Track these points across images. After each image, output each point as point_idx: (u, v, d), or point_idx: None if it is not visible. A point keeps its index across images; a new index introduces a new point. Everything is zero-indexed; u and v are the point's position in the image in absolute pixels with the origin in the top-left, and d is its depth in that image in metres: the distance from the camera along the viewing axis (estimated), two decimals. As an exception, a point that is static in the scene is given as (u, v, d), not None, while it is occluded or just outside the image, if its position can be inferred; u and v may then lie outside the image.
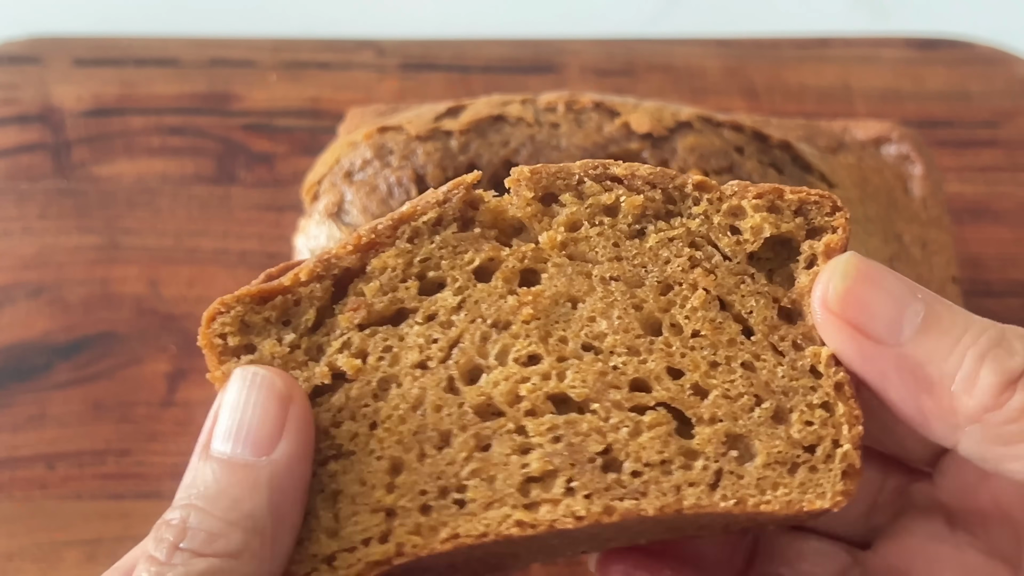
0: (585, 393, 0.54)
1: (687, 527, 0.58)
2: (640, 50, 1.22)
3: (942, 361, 0.50)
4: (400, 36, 1.22)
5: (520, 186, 0.57)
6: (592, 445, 0.53)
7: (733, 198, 0.56)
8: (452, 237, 0.57)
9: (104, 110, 1.15)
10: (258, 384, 0.52)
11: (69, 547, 0.91)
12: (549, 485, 0.53)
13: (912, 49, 1.23)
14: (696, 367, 0.55)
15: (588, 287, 0.56)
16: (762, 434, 0.54)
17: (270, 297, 0.58)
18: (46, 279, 1.04)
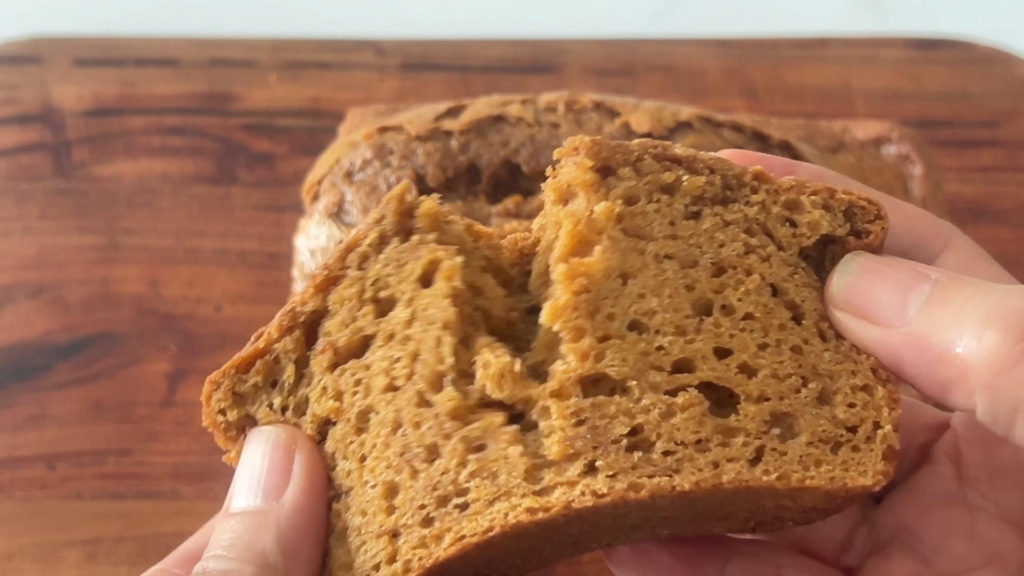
0: (624, 373, 0.53)
1: (712, 516, 0.58)
2: (640, 50, 1.22)
3: (947, 330, 0.50)
4: (400, 36, 1.22)
5: (578, 154, 0.55)
6: (618, 427, 0.52)
7: (791, 191, 0.57)
8: (395, 252, 0.56)
9: (104, 110, 1.15)
10: (264, 440, 0.56)
11: (69, 547, 0.91)
12: (563, 469, 0.51)
13: (912, 49, 1.23)
14: (745, 348, 0.54)
15: (641, 264, 0.55)
16: (807, 413, 0.54)
17: (251, 362, 0.59)
18: (46, 279, 1.04)
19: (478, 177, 0.88)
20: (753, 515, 0.58)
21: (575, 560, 0.90)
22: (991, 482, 0.60)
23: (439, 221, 0.57)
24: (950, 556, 0.58)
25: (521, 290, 0.59)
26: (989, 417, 0.50)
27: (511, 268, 0.59)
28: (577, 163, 0.55)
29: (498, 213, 0.86)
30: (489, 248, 0.59)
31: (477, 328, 0.55)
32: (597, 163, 0.55)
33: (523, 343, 0.57)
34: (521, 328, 0.58)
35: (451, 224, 0.58)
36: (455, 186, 0.88)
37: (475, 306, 0.56)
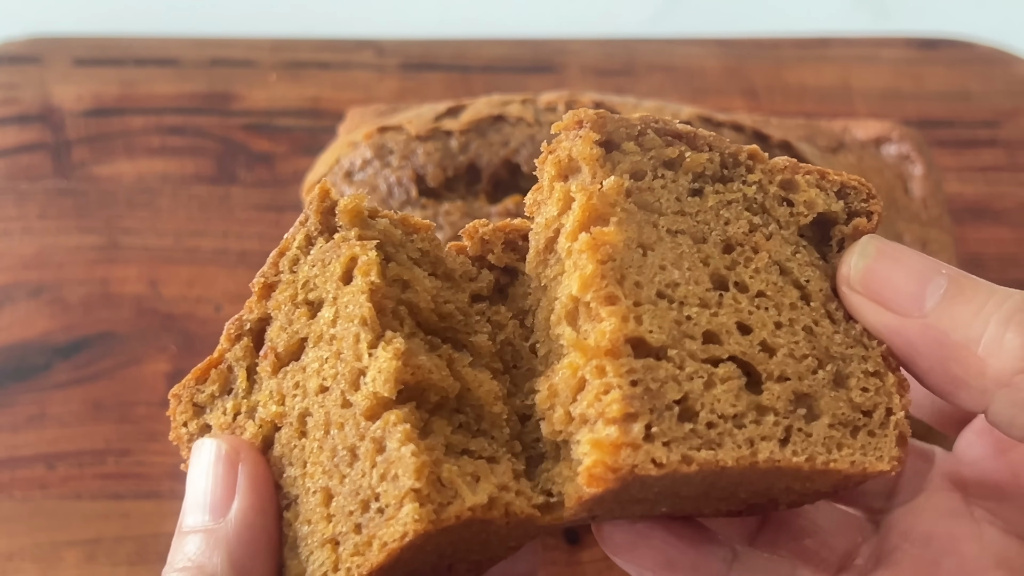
0: (662, 340, 0.52)
1: (717, 495, 0.57)
2: (640, 50, 1.22)
3: (966, 328, 0.50)
4: (400, 36, 1.22)
5: (582, 127, 0.55)
6: (670, 392, 0.51)
7: (785, 172, 0.57)
8: (320, 252, 0.56)
9: (104, 110, 1.15)
10: (206, 452, 0.55)
11: (69, 547, 0.91)
12: (628, 429, 0.49)
13: (912, 49, 1.23)
14: (764, 325, 0.54)
15: (657, 237, 0.54)
16: (826, 396, 0.54)
17: (207, 373, 0.59)
18: (46, 279, 1.04)
19: (478, 177, 0.88)
20: (754, 496, 0.58)
21: (576, 561, 0.90)
22: (996, 499, 0.61)
23: (361, 217, 0.56)
24: (959, 560, 0.58)
25: (464, 280, 0.58)
26: (1005, 416, 0.51)
27: (454, 259, 0.58)
28: (582, 136, 0.54)
29: (498, 213, 0.86)
30: (425, 241, 0.58)
31: (402, 323, 0.54)
32: (602, 136, 0.55)
33: (461, 334, 0.57)
34: (460, 320, 0.57)
35: (376, 219, 0.57)
36: (455, 186, 0.88)
37: (400, 300, 0.55)
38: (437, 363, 0.53)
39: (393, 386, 0.51)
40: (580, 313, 0.53)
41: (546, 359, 0.56)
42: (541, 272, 0.57)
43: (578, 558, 0.90)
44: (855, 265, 0.55)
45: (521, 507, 0.52)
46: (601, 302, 0.51)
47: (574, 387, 0.52)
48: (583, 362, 0.51)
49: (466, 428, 0.54)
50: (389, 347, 0.52)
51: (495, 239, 0.59)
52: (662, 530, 0.60)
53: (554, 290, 0.55)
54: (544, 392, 0.54)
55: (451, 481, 0.50)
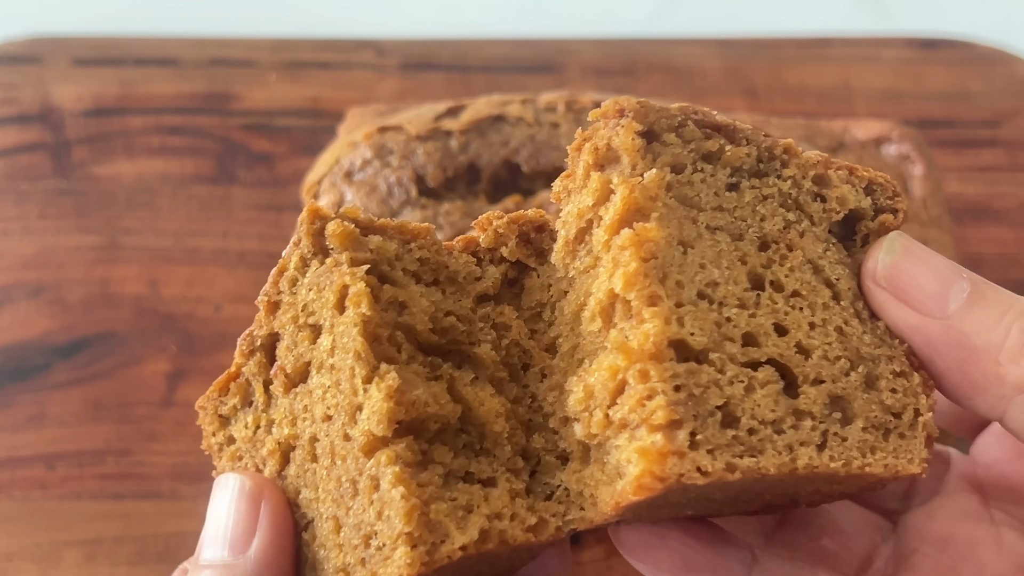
0: (704, 343, 0.50)
1: (744, 498, 0.56)
2: (640, 50, 1.22)
3: (988, 332, 0.51)
4: (400, 36, 1.22)
5: (624, 116, 0.53)
6: (713, 398, 0.50)
7: (818, 166, 0.56)
8: (315, 276, 0.54)
9: (104, 110, 1.15)
10: (230, 488, 0.55)
11: (69, 547, 0.91)
12: (673, 436, 0.48)
13: (912, 49, 1.23)
14: (799, 326, 0.53)
15: (696, 234, 0.52)
16: (859, 398, 0.53)
17: (227, 385, 0.58)
18: (46, 279, 1.04)
19: (478, 177, 0.88)
20: (778, 498, 0.57)
21: (576, 560, 0.90)
22: (1015, 502, 0.61)
23: (351, 239, 0.54)
24: (978, 564, 0.59)
25: (469, 281, 0.56)
26: (1022, 423, 0.51)
27: (458, 260, 0.57)
28: (624, 125, 0.52)
29: (498, 213, 0.86)
30: (424, 248, 0.56)
31: (400, 349, 0.53)
32: (644, 127, 0.53)
33: (464, 346, 0.55)
34: (463, 332, 0.55)
35: (370, 235, 0.55)
36: (455, 186, 0.88)
37: (396, 325, 0.53)
38: (436, 391, 0.52)
39: (387, 426, 0.50)
40: (617, 311, 0.51)
41: (571, 354, 0.54)
42: (569, 263, 0.55)
43: (578, 558, 0.90)
44: (882, 260, 0.54)
45: (514, 534, 0.51)
46: (644, 302, 0.50)
47: (613, 390, 0.50)
48: (625, 365, 0.49)
49: (470, 448, 0.53)
50: (382, 385, 0.50)
51: (509, 232, 0.57)
52: (679, 531, 0.60)
53: (585, 283, 0.54)
54: (579, 393, 0.52)
55: (439, 522, 0.49)
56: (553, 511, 0.52)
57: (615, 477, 0.50)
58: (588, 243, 0.54)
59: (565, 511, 0.53)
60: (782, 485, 0.53)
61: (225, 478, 0.56)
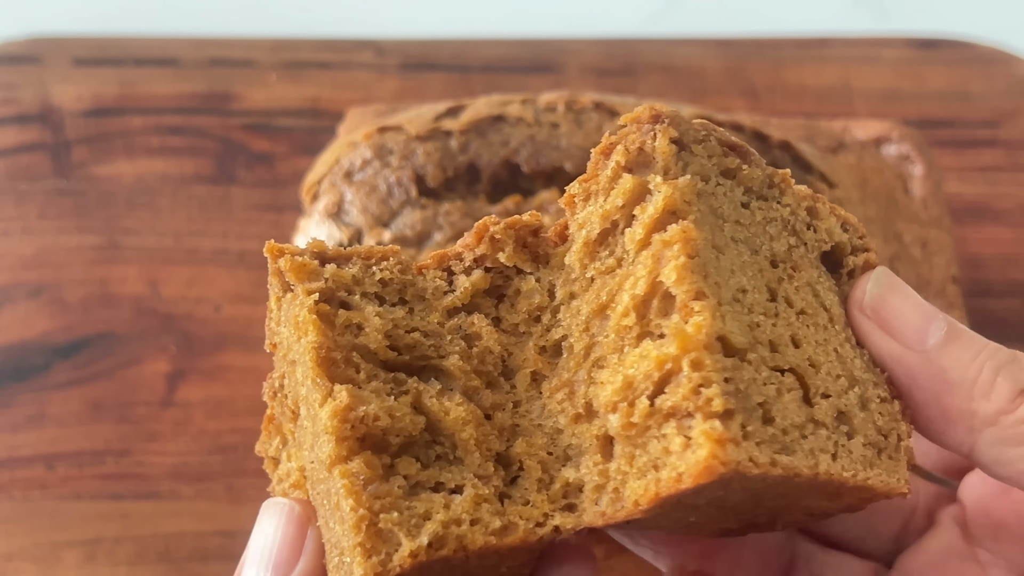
0: (742, 342, 0.51)
1: (765, 505, 0.56)
2: (640, 50, 1.22)
3: (963, 369, 0.55)
4: (400, 36, 1.22)
5: (661, 122, 0.54)
6: (755, 395, 0.51)
7: (808, 199, 0.58)
8: (285, 312, 0.56)
9: (104, 110, 1.15)
10: (278, 512, 0.56)
11: (69, 547, 0.91)
12: (729, 425, 0.48)
13: (912, 49, 1.23)
14: (809, 341, 0.55)
15: (724, 241, 0.54)
16: (858, 415, 0.55)
17: (268, 428, 0.62)
18: (46, 279, 1.04)
19: (478, 177, 0.87)
20: (770, 513, 0.58)
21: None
22: (997, 539, 0.63)
23: (305, 271, 0.55)
24: None
25: (438, 296, 0.57)
26: (990, 455, 0.55)
27: (425, 278, 0.57)
28: (661, 131, 0.53)
29: (498, 213, 0.85)
30: (387, 270, 0.57)
31: (358, 369, 0.54)
32: (678, 134, 0.54)
33: (433, 360, 0.55)
34: (429, 346, 0.55)
35: (328, 264, 0.56)
36: (455, 186, 0.88)
37: (353, 347, 0.54)
38: (392, 406, 0.53)
39: (336, 443, 0.51)
40: (653, 307, 0.52)
41: (585, 354, 0.55)
42: (588, 264, 0.56)
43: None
44: (870, 291, 0.58)
45: (474, 539, 0.51)
46: (691, 296, 0.50)
47: (659, 379, 0.50)
48: (678, 354, 0.49)
49: (444, 459, 0.54)
50: (329, 405, 0.51)
51: (506, 237, 0.58)
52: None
53: (608, 283, 0.54)
54: (616, 384, 0.52)
55: (390, 531, 0.50)
56: (525, 515, 0.53)
57: (649, 469, 0.50)
58: (612, 244, 0.55)
59: (544, 515, 0.53)
60: (784, 495, 0.54)
61: (274, 502, 0.57)
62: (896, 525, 0.66)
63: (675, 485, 0.49)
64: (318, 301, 0.54)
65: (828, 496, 0.55)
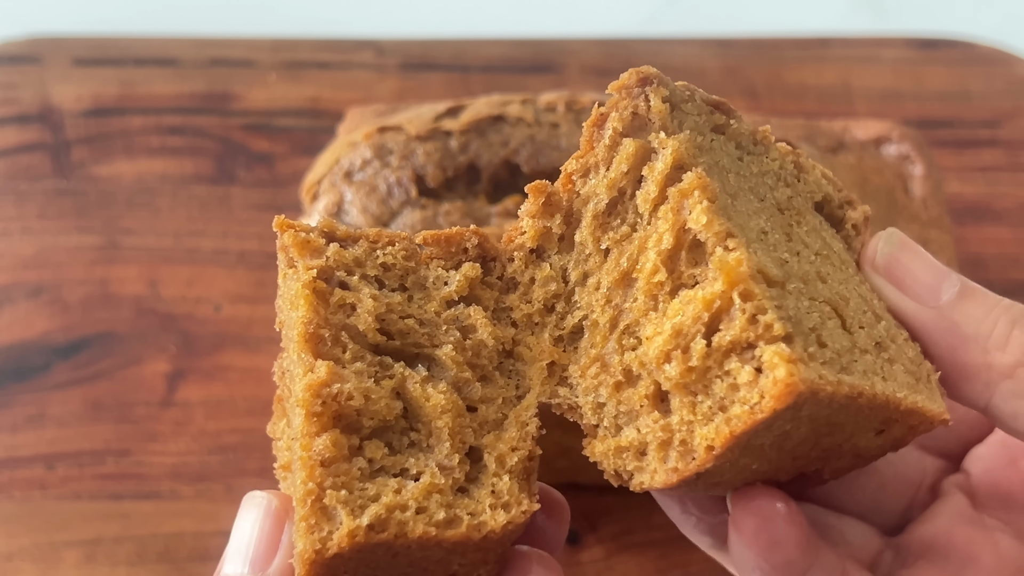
0: (777, 276, 0.51)
1: (822, 444, 0.56)
2: (640, 50, 1.22)
3: (977, 324, 0.56)
4: (400, 36, 1.22)
5: (652, 84, 0.54)
6: (807, 320, 0.51)
7: (791, 154, 0.59)
8: (285, 288, 0.57)
9: (104, 110, 1.15)
10: (256, 505, 0.56)
11: (68, 547, 0.91)
12: (794, 346, 0.48)
13: (912, 49, 1.23)
14: (833, 278, 0.55)
15: (733, 190, 0.54)
16: (891, 346, 0.55)
17: (275, 410, 0.62)
18: (46, 279, 1.04)
19: (478, 177, 0.87)
20: (823, 454, 0.57)
21: (576, 561, 0.90)
22: (1005, 509, 0.63)
23: (308, 247, 0.56)
24: (980, 568, 0.61)
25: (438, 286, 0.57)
26: (1007, 408, 0.54)
27: (428, 265, 0.57)
28: (653, 91, 0.54)
29: (498, 213, 0.85)
30: (390, 255, 0.57)
31: (345, 349, 0.54)
32: (668, 92, 0.55)
33: (426, 348, 0.55)
34: (423, 334, 0.56)
35: (333, 242, 0.56)
36: (455, 186, 0.87)
37: (343, 326, 0.54)
38: (369, 388, 0.53)
39: (306, 419, 0.51)
40: (682, 259, 0.52)
41: (611, 326, 0.55)
42: (601, 236, 0.56)
43: (578, 558, 0.90)
44: (881, 250, 0.59)
45: (415, 527, 0.51)
46: (723, 236, 0.50)
47: (710, 319, 0.50)
48: (725, 289, 0.49)
49: (416, 447, 0.53)
50: (307, 379, 0.52)
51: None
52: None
53: (628, 248, 0.54)
54: (665, 335, 0.51)
55: (333, 508, 0.50)
56: (471, 510, 0.52)
57: (716, 411, 0.50)
58: (623, 211, 0.55)
59: (493, 512, 0.53)
60: (840, 427, 0.54)
61: (252, 496, 0.56)
62: (903, 500, 0.66)
63: (750, 418, 0.48)
64: (316, 278, 0.54)
65: (879, 427, 0.55)
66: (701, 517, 0.61)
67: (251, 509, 0.56)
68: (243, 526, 0.55)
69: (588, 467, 0.72)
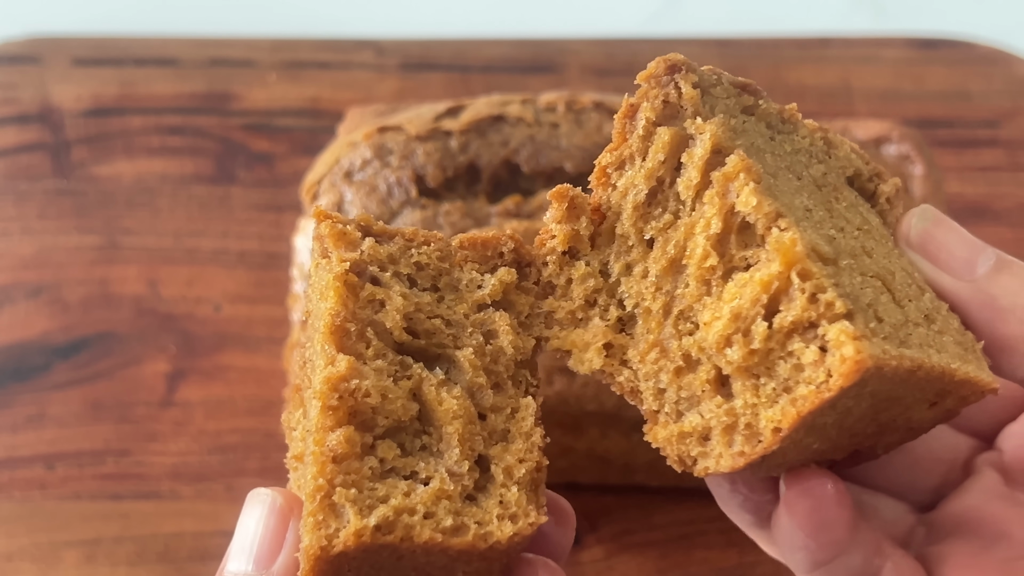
0: (828, 252, 0.51)
1: (879, 419, 0.56)
2: (640, 50, 1.21)
3: (1014, 296, 0.56)
4: (400, 36, 1.22)
5: (680, 71, 0.54)
6: (864, 295, 0.51)
7: (819, 130, 0.59)
8: (316, 278, 0.56)
9: (104, 110, 1.15)
10: (261, 503, 0.55)
11: (68, 547, 0.91)
12: (856, 323, 0.48)
13: (912, 49, 1.23)
14: (877, 252, 0.55)
15: (772, 170, 0.54)
16: (939, 317, 0.55)
17: (292, 399, 0.60)
18: (46, 279, 1.04)
19: (478, 177, 0.87)
20: (879, 429, 0.57)
21: (576, 561, 0.90)
22: None
23: (345, 239, 0.55)
24: (1011, 543, 0.60)
25: (470, 289, 0.57)
26: None
27: (462, 267, 0.57)
28: (683, 78, 0.54)
29: (498, 213, 0.85)
30: (424, 254, 0.56)
31: (369, 344, 0.53)
32: (697, 78, 0.55)
33: (448, 349, 0.55)
34: (447, 335, 0.55)
35: (370, 236, 0.56)
36: (455, 186, 0.87)
37: (370, 322, 0.54)
38: (386, 387, 0.52)
39: (321, 412, 0.51)
40: (732, 243, 0.52)
41: (663, 313, 0.55)
42: (643, 227, 0.56)
43: (578, 558, 0.90)
44: (915, 226, 0.59)
45: (421, 532, 0.50)
46: (773, 216, 0.51)
47: (769, 301, 0.50)
48: (783, 270, 0.49)
49: (427, 451, 0.53)
50: (326, 371, 0.51)
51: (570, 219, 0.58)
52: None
53: (673, 235, 0.54)
54: (724, 319, 0.51)
55: (341, 507, 0.49)
56: (479, 518, 0.52)
57: (780, 392, 0.50)
58: (663, 200, 0.55)
59: (500, 523, 0.52)
60: (897, 401, 0.54)
61: (256, 492, 0.56)
62: (936, 478, 0.66)
63: (817, 397, 0.48)
64: (348, 271, 0.54)
65: (932, 399, 0.55)
66: (749, 496, 0.61)
67: (256, 506, 0.55)
68: (247, 523, 0.55)
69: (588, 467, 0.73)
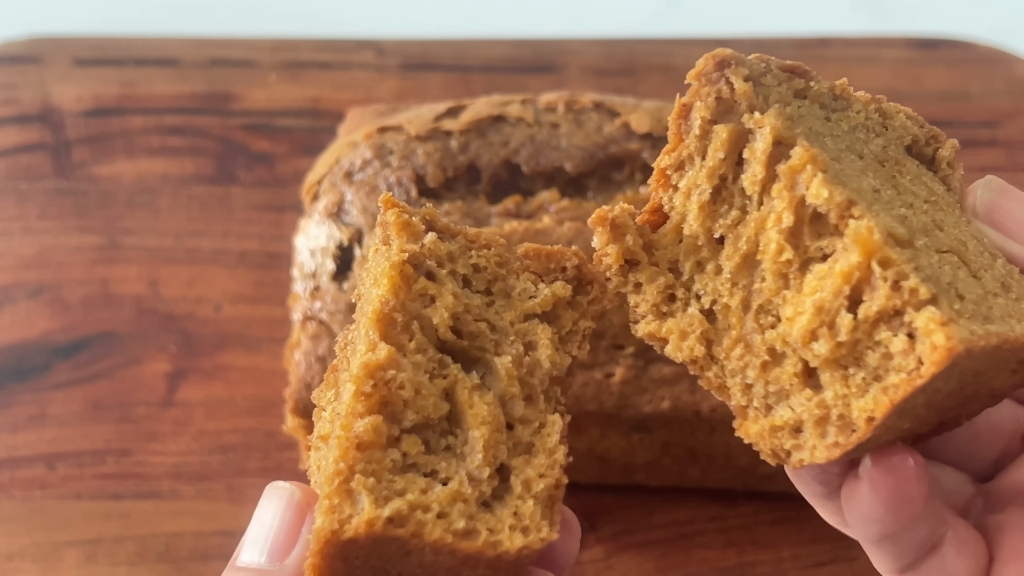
0: (903, 234, 0.51)
1: (964, 393, 0.55)
2: (640, 50, 1.22)
3: None
4: (400, 36, 1.22)
5: (731, 66, 0.54)
6: (944, 275, 0.51)
7: (872, 101, 0.59)
8: (373, 262, 0.57)
9: (104, 110, 1.15)
10: (277, 496, 0.55)
11: (69, 547, 0.91)
12: (942, 308, 0.48)
13: (912, 49, 1.23)
14: (948, 224, 0.55)
15: (835, 153, 0.54)
16: (1015, 282, 0.55)
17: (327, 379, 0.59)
18: (46, 279, 1.04)
19: (478, 177, 0.88)
20: (963, 402, 0.57)
21: (576, 561, 0.90)
22: None
23: (409, 230, 0.55)
24: None
25: (522, 299, 0.57)
26: None
27: (518, 277, 0.57)
28: (734, 73, 0.54)
29: (498, 213, 0.86)
30: (483, 257, 0.57)
31: (412, 337, 0.53)
32: (748, 70, 0.55)
33: (488, 354, 0.55)
34: (490, 340, 0.55)
35: (432, 231, 0.56)
36: (455, 186, 0.88)
37: (418, 315, 0.54)
38: (420, 381, 0.53)
39: (354, 397, 0.51)
40: (805, 235, 0.52)
41: (742, 309, 0.54)
42: (712, 225, 0.56)
43: (578, 558, 0.90)
44: (980, 197, 0.59)
45: (432, 531, 0.50)
46: (845, 205, 0.50)
47: (852, 292, 0.50)
48: (863, 260, 0.49)
49: (451, 451, 0.53)
50: (365, 357, 0.52)
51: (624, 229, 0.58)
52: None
53: (743, 232, 0.54)
54: (808, 313, 0.51)
55: (358, 493, 0.49)
56: (491, 525, 0.52)
57: (871, 382, 0.50)
58: (728, 197, 0.55)
59: (511, 534, 0.52)
60: (982, 373, 0.53)
61: (275, 486, 0.56)
62: (996, 449, 0.66)
63: (909, 384, 0.48)
64: (406, 261, 0.54)
65: (1015, 367, 0.54)
66: (825, 467, 0.60)
67: (273, 499, 0.56)
68: (264, 515, 0.55)
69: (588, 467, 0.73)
